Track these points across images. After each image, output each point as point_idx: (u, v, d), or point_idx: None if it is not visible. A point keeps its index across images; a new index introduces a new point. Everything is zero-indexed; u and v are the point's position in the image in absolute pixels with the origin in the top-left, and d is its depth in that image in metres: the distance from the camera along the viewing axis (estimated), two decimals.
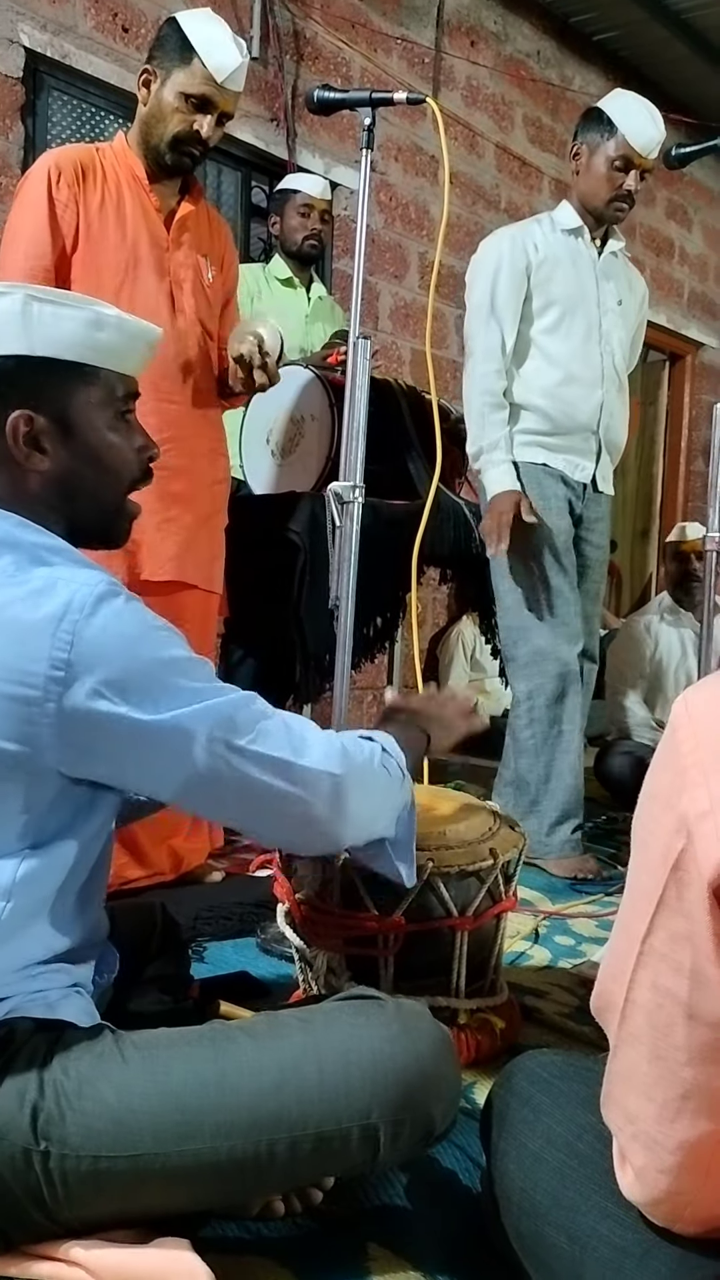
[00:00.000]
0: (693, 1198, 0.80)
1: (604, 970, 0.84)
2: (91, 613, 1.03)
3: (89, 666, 1.02)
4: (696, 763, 0.72)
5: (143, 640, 1.07)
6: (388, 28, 4.54)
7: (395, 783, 1.27)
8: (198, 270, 2.34)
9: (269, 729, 1.13)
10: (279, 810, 1.15)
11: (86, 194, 2.17)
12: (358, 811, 1.20)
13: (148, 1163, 1.01)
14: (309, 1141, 1.05)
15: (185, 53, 2.16)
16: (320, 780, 1.15)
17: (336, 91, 2.08)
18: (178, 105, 2.17)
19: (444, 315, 4.91)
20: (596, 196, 2.73)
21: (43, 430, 1.15)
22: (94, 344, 1.17)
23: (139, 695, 1.04)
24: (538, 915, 2.37)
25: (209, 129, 2.19)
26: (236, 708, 1.11)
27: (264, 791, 1.12)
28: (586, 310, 2.77)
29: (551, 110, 5.31)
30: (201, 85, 2.16)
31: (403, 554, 2.18)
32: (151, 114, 2.21)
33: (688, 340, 6.36)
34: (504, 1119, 1.06)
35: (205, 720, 1.07)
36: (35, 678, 1.01)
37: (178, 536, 2.28)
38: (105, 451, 1.20)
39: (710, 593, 2.64)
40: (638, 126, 2.68)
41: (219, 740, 1.08)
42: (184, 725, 1.06)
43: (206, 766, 1.08)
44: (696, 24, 5.15)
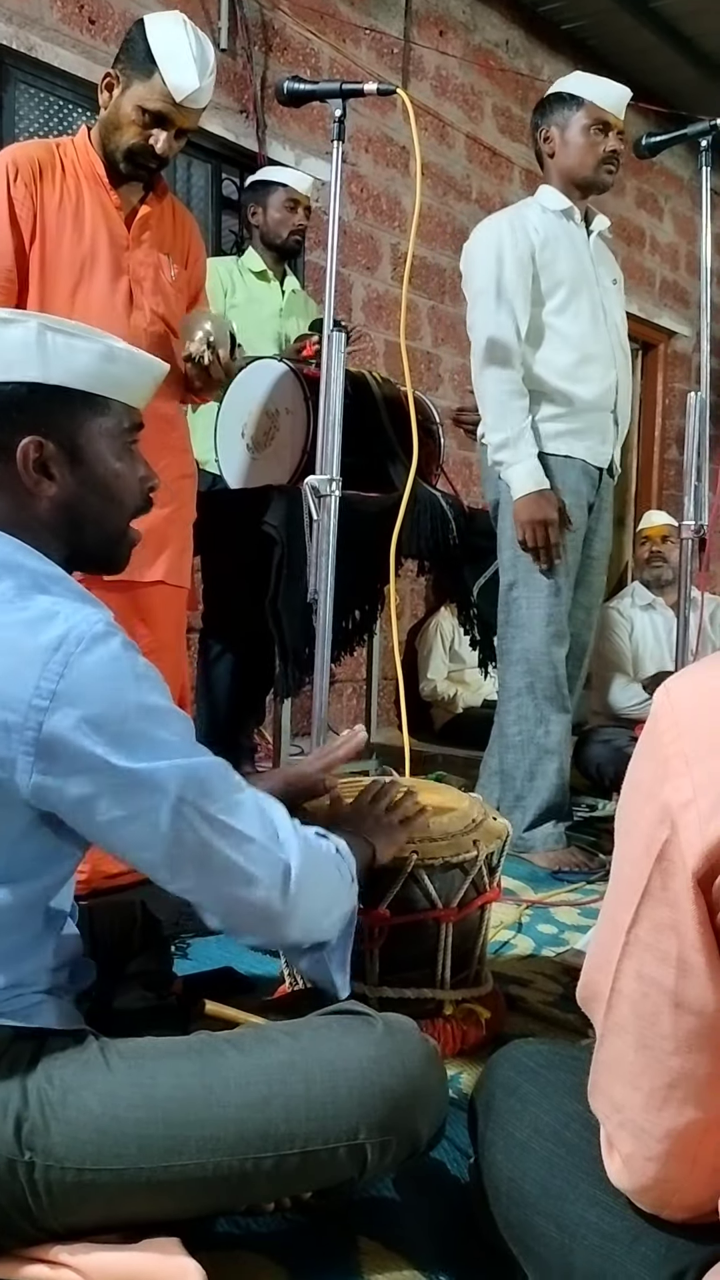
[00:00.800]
0: (680, 1185, 0.80)
1: (589, 960, 0.85)
2: (87, 649, 1.02)
3: (74, 701, 1.00)
4: (678, 752, 0.72)
5: (131, 685, 1.05)
6: (356, 18, 4.53)
7: (345, 885, 1.24)
8: (159, 268, 2.31)
9: (240, 801, 1.10)
10: (230, 887, 1.10)
11: (44, 192, 2.14)
12: (308, 906, 1.17)
13: (132, 1176, 1.01)
14: (295, 1158, 1.05)
15: (148, 64, 2.10)
16: (279, 866, 1.12)
17: (306, 83, 2.08)
18: (134, 118, 2.13)
19: (417, 306, 4.91)
20: (584, 166, 2.70)
21: (52, 457, 1.15)
22: (106, 375, 1.18)
23: (117, 739, 1.02)
24: (521, 904, 2.38)
25: (164, 145, 2.14)
26: (211, 772, 1.09)
27: (222, 864, 1.08)
28: (589, 289, 2.74)
29: (521, 100, 5.31)
30: (159, 102, 2.10)
31: (380, 547, 2.18)
32: (110, 121, 2.17)
33: (660, 329, 6.38)
34: (491, 1109, 1.06)
35: (178, 778, 1.05)
36: (19, 704, 0.99)
37: (150, 536, 2.28)
38: (112, 480, 1.21)
39: (686, 581, 2.65)
40: (602, 90, 2.68)
41: (189, 802, 1.05)
42: (157, 779, 1.04)
43: (170, 826, 1.05)
44: (664, 12, 5.16)
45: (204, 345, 2.26)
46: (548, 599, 2.70)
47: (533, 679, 2.72)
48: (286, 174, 3.47)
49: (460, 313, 5.10)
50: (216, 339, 2.28)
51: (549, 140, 2.74)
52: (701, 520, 2.58)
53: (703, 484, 2.59)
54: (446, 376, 5.06)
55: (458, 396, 4.86)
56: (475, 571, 3.30)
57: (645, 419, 6.59)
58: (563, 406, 2.70)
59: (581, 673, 2.98)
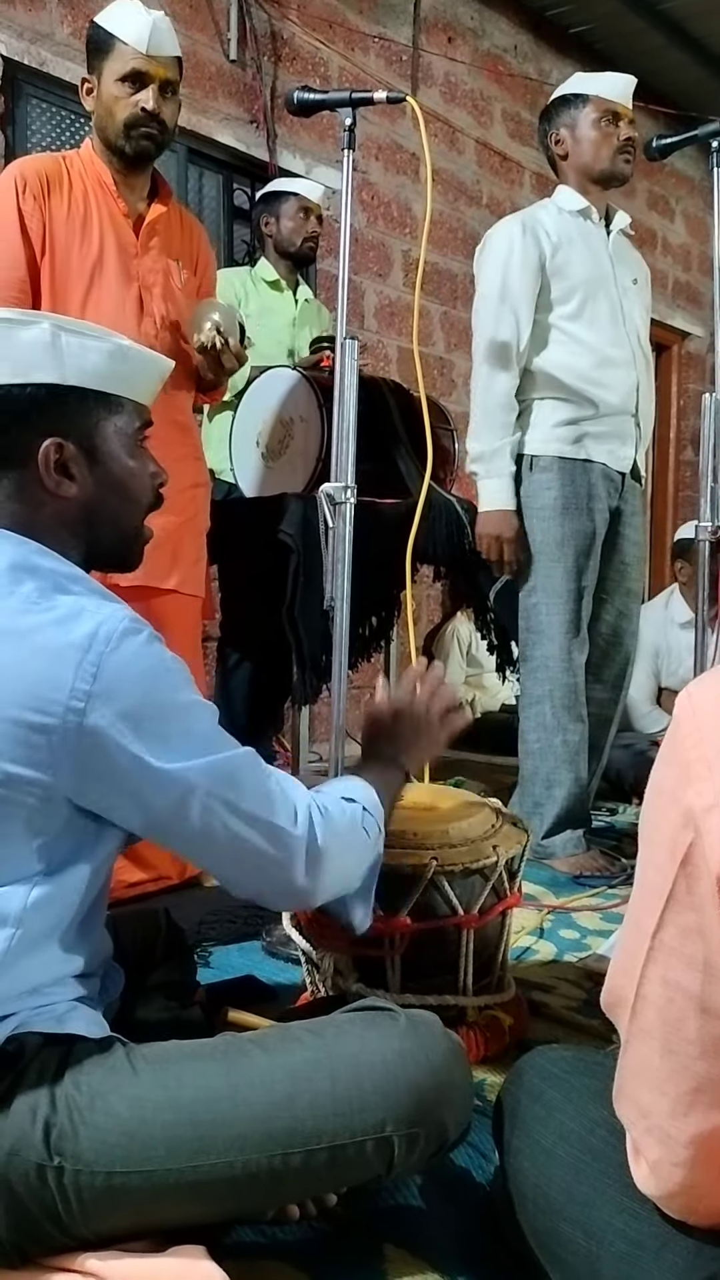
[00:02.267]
0: (707, 1190, 0.80)
1: (614, 966, 0.84)
2: (117, 646, 1.04)
3: (109, 699, 1.03)
4: (701, 756, 0.72)
5: (161, 680, 1.09)
6: (365, 26, 4.54)
7: (371, 844, 1.29)
8: (168, 274, 2.33)
9: (269, 791, 1.15)
10: (258, 868, 1.16)
11: (52, 204, 2.17)
12: (332, 879, 1.23)
13: (162, 1178, 1.01)
14: (323, 1154, 1.05)
15: (106, 44, 2.17)
16: (306, 849, 1.16)
17: (316, 92, 2.08)
18: (117, 93, 2.17)
19: (429, 312, 4.91)
20: (599, 159, 2.68)
21: (72, 458, 1.17)
22: (118, 374, 1.20)
23: (151, 736, 1.06)
24: (542, 910, 2.37)
25: (153, 102, 2.17)
26: (240, 764, 1.13)
27: (250, 850, 1.13)
28: (607, 291, 2.71)
29: (530, 104, 5.31)
30: (129, 62, 2.15)
31: (396, 552, 2.18)
32: (100, 114, 2.21)
33: (674, 330, 6.37)
34: (516, 1116, 1.06)
35: (208, 775, 1.09)
36: (55, 705, 1.02)
37: (154, 541, 2.28)
38: (128, 479, 1.23)
39: (703, 582, 2.64)
40: (608, 82, 2.68)
41: (217, 797, 1.10)
42: (188, 778, 1.08)
43: (200, 819, 1.10)
44: (673, 14, 5.16)
45: (214, 333, 2.28)
46: (567, 605, 2.69)
47: (552, 686, 2.70)
48: (298, 184, 3.50)
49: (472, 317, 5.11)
50: (226, 328, 2.30)
51: (560, 143, 2.73)
52: (718, 522, 2.56)
53: (719, 485, 2.57)
54: (460, 381, 5.06)
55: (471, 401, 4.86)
56: (491, 576, 3.30)
57: (660, 421, 6.57)
58: (583, 410, 2.68)
59: (626, 679, 2.96)
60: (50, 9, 3.50)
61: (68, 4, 3.52)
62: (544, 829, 2.69)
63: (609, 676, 2.88)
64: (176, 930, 1.56)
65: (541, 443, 2.70)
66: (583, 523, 2.68)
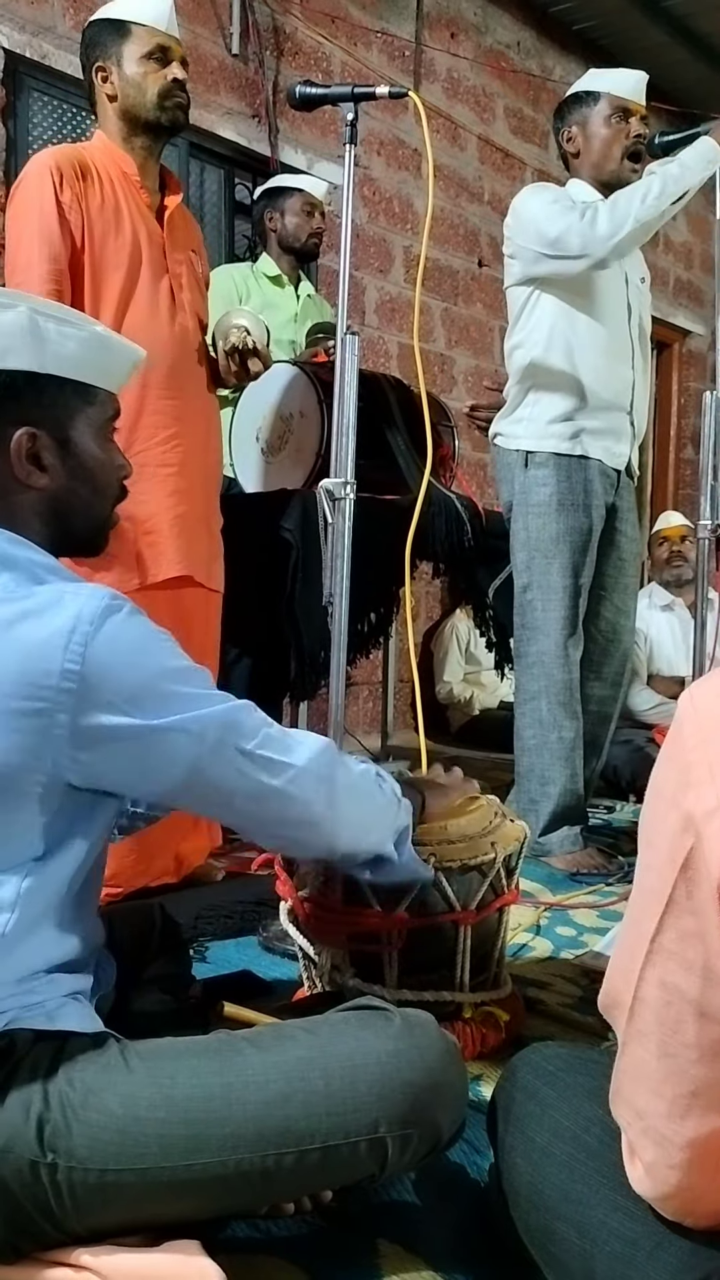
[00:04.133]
0: (703, 1192, 0.80)
1: (612, 968, 0.84)
2: (100, 625, 1.04)
3: (99, 678, 1.03)
4: (702, 759, 0.71)
5: (148, 651, 1.09)
6: (368, 21, 4.53)
7: (390, 801, 1.31)
8: (190, 265, 2.35)
9: (271, 734, 1.16)
10: (279, 811, 1.17)
11: (88, 194, 2.16)
12: (351, 815, 1.24)
13: (155, 1175, 1.01)
14: (316, 1154, 1.05)
15: (121, 30, 2.21)
16: (318, 781, 1.18)
17: (318, 87, 2.08)
18: (146, 70, 2.21)
19: (430, 309, 4.90)
20: (610, 158, 2.68)
21: (45, 447, 1.16)
22: (96, 363, 1.19)
23: (146, 703, 1.06)
24: (539, 907, 2.37)
25: (181, 72, 2.24)
26: (240, 713, 1.14)
27: (266, 793, 1.14)
28: (617, 284, 2.70)
29: (533, 101, 5.30)
30: (152, 39, 2.21)
31: (395, 549, 2.18)
32: (128, 94, 2.22)
33: (675, 328, 6.36)
34: (510, 1113, 1.05)
35: (211, 723, 1.10)
36: (46, 691, 1.02)
37: (187, 533, 2.28)
38: (98, 470, 1.22)
39: (703, 581, 2.64)
40: (618, 79, 2.68)
41: (226, 744, 1.11)
42: (190, 728, 1.08)
43: (212, 768, 1.11)
44: (675, 10, 5.15)
45: (244, 337, 2.28)
46: (562, 601, 2.69)
47: (548, 683, 2.70)
48: (302, 180, 3.50)
49: (473, 314, 5.10)
50: (255, 334, 2.30)
51: (571, 140, 2.73)
52: (718, 520, 2.56)
53: (719, 483, 2.57)
54: (460, 378, 5.06)
55: (471, 398, 4.85)
56: (490, 573, 3.29)
57: (660, 418, 6.57)
58: (580, 402, 2.67)
59: (625, 676, 2.96)
60: (52, 2, 3.49)
61: None
62: (540, 826, 2.69)
63: (608, 673, 2.88)
64: (172, 924, 1.56)
65: (537, 439, 2.70)
66: (579, 519, 2.68)
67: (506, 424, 2.78)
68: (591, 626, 2.81)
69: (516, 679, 2.83)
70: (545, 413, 2.69)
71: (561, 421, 2.68)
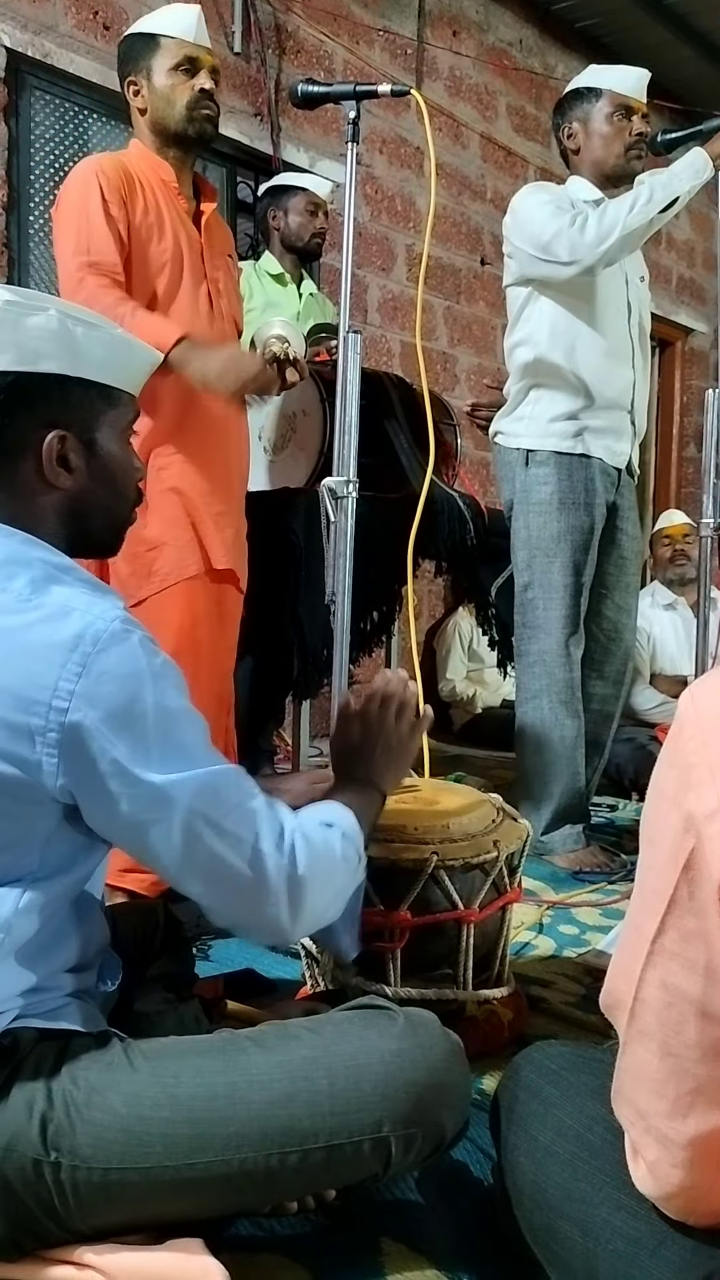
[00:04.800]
0: (705, 1191, 0.80)
1: (613, 968, 0.84)
2: (105, 648, 1.02)
3: (93, 701, 1.01)
4: (703, 760, 0.71)
5: (150, 685, 1.04)
6: (369, 19, 4.53)
7: (351, 870, 1.22)
8: (227, 269, 2.36)
9: (253, 810, 1.10)
10: (238, 893, 1.10)
11: (131, 200, 2.17)
12: (312, 910, 1.16)
13: (158, 1174, 1.01)
14: (320, 1153, 1.05)
15: (151, 43, 2.22)
16: (286, 877, 1.10)
17: (321, 85, 2.08)
18: (174, 82, 2.22)
19: (433, 307, 4.90)
20: (611, 154, 2.67)
21: (72, 449, 1.16)
22: (121, 366, 1.19)
23: (136, 742, 1.03)
24: (541, 905, 2.37)
25: (209, 83, 2.24)
26: (224, 781, 1.09)
27: (230, 873, 1.08)
28: (617, 283, 2.69)
29: (535, 99, 5.29)
30: (180, 50, 2.22)
31: (398, 548, 2.18)
32: (157, 106, 2.23)
33: (677, 326, 6.36)
34: (513, 1112, 1.06)
35: (192, 789, 1.05)
36: (40, 705, 1.00)
37: (230, 528, 2.29)
38: (120, 472, 1.22)
39: (705, 580, 2.64)
40: (619, 76, 2.67)
41: (200, 813, 1.05)
42: (172, 792, 1.04)
43: (182, 836, 1.05)
44: (677, 8, 5.14)
45: (284, 347, 2.28)
46: (563, 600, 2.69)
47: (549, 681, 2.70)
48: (305, 179, 3.50)
49: (476, 312, 5.10)
50: (294, 344, 2.31)
51: (573, 136, 2.71)
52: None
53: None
54: (463, 376, 5.05)
55: (474, 396, 4.85)
56: (493, 571, 3.29)
57: (663, 416, 6.56)
58: (579, 402, 2.67)
59: (627, 674, 2.96)
60: (54, 1, 3.49)
61: None
62: (542, 824, 2.69)
63: (610, 672, 2.88)
64: (175, 922, 1.56)
65: (539, 438, 2.69)
66: (580, 518, 2.67)
67: (507, 422, 2.78)
68: (593, 625, 2.81)
69: (518, 678, 2.82)
70: (546, 411, 2.68)
71: (562, 420, 2.67)
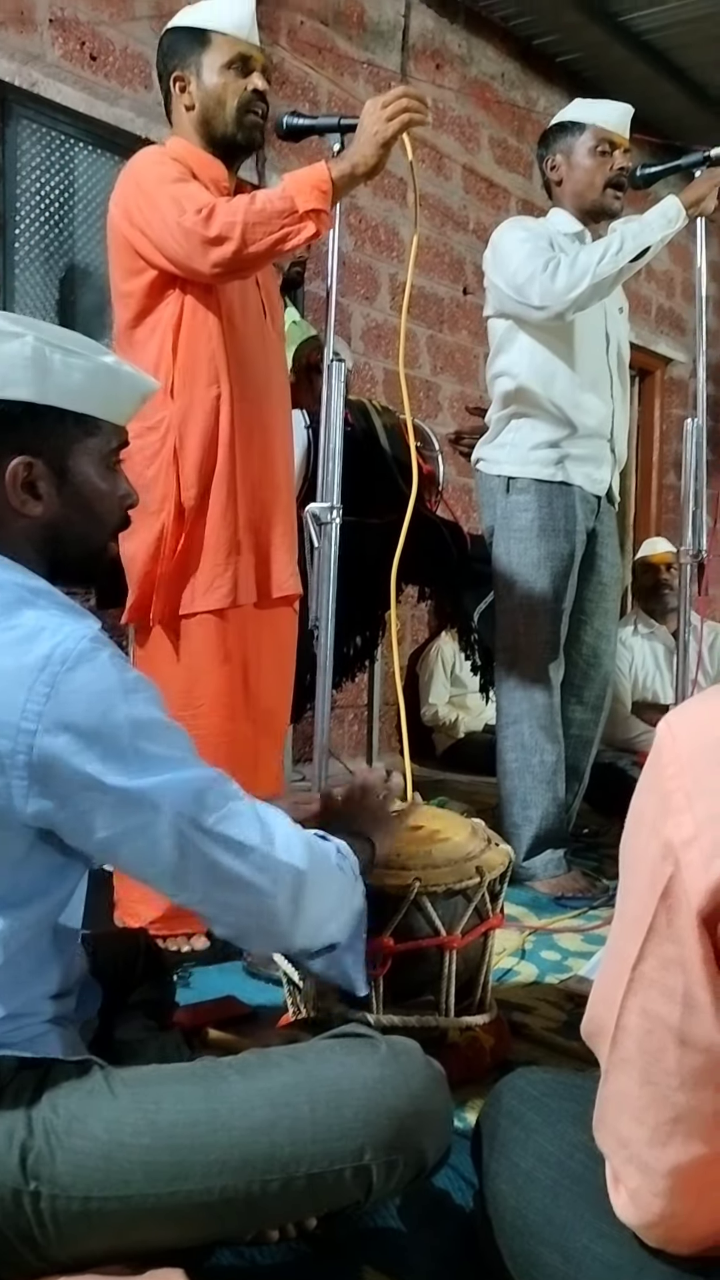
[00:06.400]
0: (686, 1219, 0.80)
1: (594, 995, 0.85)
2: (73, 667, 1.01)
3: (62, 720, 1.00)
4: (680, 787, 0.72)
5: (121, 700, 1.04)
6: (354, 52, 4.59)
7: (350, 884, 1.23)
8: (271, 275, 2.31)
9: (238, 810, 1.09)
10: (238, 897, 1.10)
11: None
12: (314, 910, 1.16)
13: (139, 1202, 1.00)
14: (301, 1181, 1.04)
15: (200, 38, 2.12)
16: (284, 872, 1.11)
17: (305, 117, 2.10)
18: (225, 80, 2.11)
19: (416, 336, 4.94)
20: (592, 188, 2.69)
21: (41, 476, 1.15)
22: (101, 395, 1.18)
23: (110, 756, 1.01)
24: (523, 931, 2.37)
25: (262, 83, 2.14)
26: (207, 784, 1.08)
27: (226, 875, 1.08)
28: (596, 315, 2.71)
29: (517, 131, 5.36)
30: (233, 48, 2.11)
31: (381, 572, 2.19)
32: (205, 105, 2.13)
33: (657, 356, 6.42)
34: (495, 1138, 1.06)
35: (173, 794, 1.04)
36: (8, 728, 0.99)
37: (292, 549, 2.27)
38: (96, 500, 1.21)
39: (685, 607, 2.66)
40: (604, 111, 2.70)
41: (185, 817, 1.04)
42: (151, 796, 1.03)
43: (171, 843, 1.04)
44: (658, 44, 5.22)
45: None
46: (543, 625, 2.70)
47: (529, 706, 2.72)
48: None
49: (458, 341, 5.14)
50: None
51: (555, 168, 2.75)
52: (701, 546, 2.59)
53: (701, 509, 2.60)
54: (445, 404, 5.09)
55: (456, 424, 4.89)
56: (475, 596, 3.31)
57: (643, 445, 6.62)
58: (561, 431, 2.69)
59: (607, 701, 2.97)
60: (41, 31, 3.52)
61: (59, 26, 3.54)
62: (523, 849, 2.69)
63: (589, 697, 2.90)
64: (156, 949, 1.55)
65: (519, 465, 2.72)
66: (560, 544, 2.69)
67: (489, 450, 2.81)
68: (572, 650, 2.83)
69: (498, 703, 2.84)
70: (527, 439, 2.71)
71: (543, 448, 2.70)
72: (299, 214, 1.93)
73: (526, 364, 2.68)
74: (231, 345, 2.11)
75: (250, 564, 2.16)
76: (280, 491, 2.25)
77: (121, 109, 3.68)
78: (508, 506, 2.73)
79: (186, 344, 2.08)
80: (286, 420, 2.32)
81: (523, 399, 2.70)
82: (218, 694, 2.11)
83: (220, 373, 2.09)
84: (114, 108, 3.66)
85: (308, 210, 1.92)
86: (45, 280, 3.63)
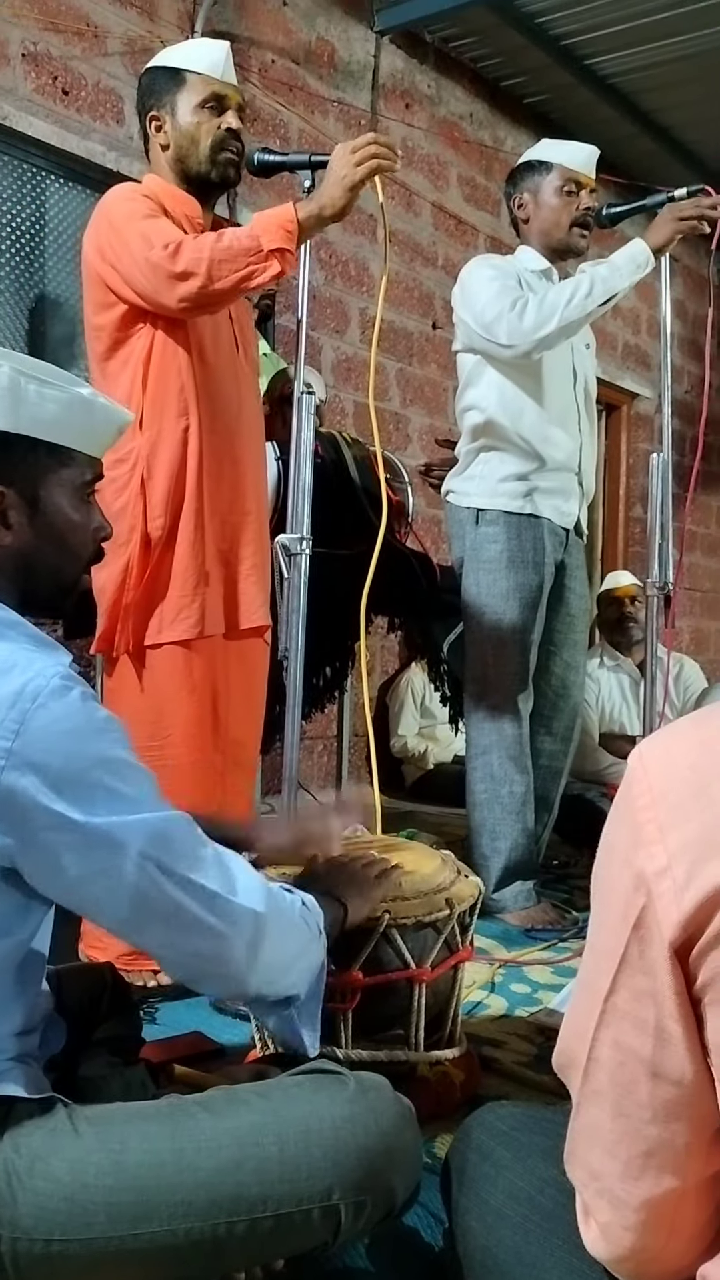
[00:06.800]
0: (658, 1254, 0.79)
1: (566, 1027, 0.84)
2: (43, 704, 1.00)
3: (30, 758, 0.98)
4: (652, 818, 0.72)
5: (90, 738, 1.03)
6: (324, 90, 4.65)
7: (312, 937, 1.22)
8: (244, 309, 2.32)
9: (203, 856, 1.09)
10: (195, 941, 1.09)
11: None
12: (271, 959, 1.15)
13: (102, 1245, 0.98)
14: (269, 1221, 1.02)
15: (176, 77, 2.14)
16: (244, 918, 1.10)
17: (276, 154, 2.13)
18: (199, 119, 2.14)
19: (385, 369, 4.98)
20: (558, 227, 2.73)
21: (12, 505, 1.15)
22: (75, 426, 1.18)
23: (77, 794, 1.00)
24: (493, 964, 2.36)
25: (236, 120, 2.16)
26: (174, 827, 1.07)
27: (186, 920, 1.07)
28: (563, 350, 2.75)
29: (485, 170, 5.45)
30: (208, 87, 2.14)
31: (351, 603, 2.19)
32: (179, 144, 2.15)
33: (623, 391, 6.51)
34: (464, 1175, 1.04)
35: (139, 834, 1.03)
36: None
37: (263, 581, 2.27)
38: (69, 532, 1.20)
39: (652, 639, 2.68)
40: (570, 151, 2.75)
41: (151, 858, 1.03)
42: (116, 835, 1.02)
43: (134, 882, 1.03)
44: (623, 87, 5.33)
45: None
46: (512, 656, 2.71)
47: (498, 737, 2.72)
48: None
49: (427, 374, 5.19)
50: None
51: (523, 206, 2.78)
52: (667, 579, 2.61)
53: (667, 542, 2.63)
54: (415, 436, 5.12)
55: (426, 456, 4.92)
56: (445, 628, 3.32)
57: (610, 479, 6.69)
58: (529, 464, 2.72)
59: (575, 732, 2.98)
60: (14, 65, 3.54)
61: (32, 60, 3.56)
62: (492, 881, 2.69)
63: (558, 728, 2.91)
64: (122, 984, 1.53)
65: (489, 497, 2.74)
66: (528, 576, 2.71)
67: (458, 482, 2.83)
68: (541, 681, 2.84)
69: (467, 734, 2.84)
70: (496, 471, 2.73)
71: (512, 480, 2.72)
72: (264, 252, 1.95)
73: (495, 398, 2.71)
74: (202, 378, 2.12)
75: (219, 595, 2.16)
76: (251, 522, 2.26)
77: (93, 143, 3.70)
78: (477, 538, 2.74)
79: (157, 376, 2.09)
80: (259, 452, 2.33)
81: (491, 432, 2.72)
82: (186, 724, 2.11)
83: (190, 405, 2.10)
84: (86, 141, 3.68)
85: (273, 249, 1.95)
86: (15, 311, 3.64)
